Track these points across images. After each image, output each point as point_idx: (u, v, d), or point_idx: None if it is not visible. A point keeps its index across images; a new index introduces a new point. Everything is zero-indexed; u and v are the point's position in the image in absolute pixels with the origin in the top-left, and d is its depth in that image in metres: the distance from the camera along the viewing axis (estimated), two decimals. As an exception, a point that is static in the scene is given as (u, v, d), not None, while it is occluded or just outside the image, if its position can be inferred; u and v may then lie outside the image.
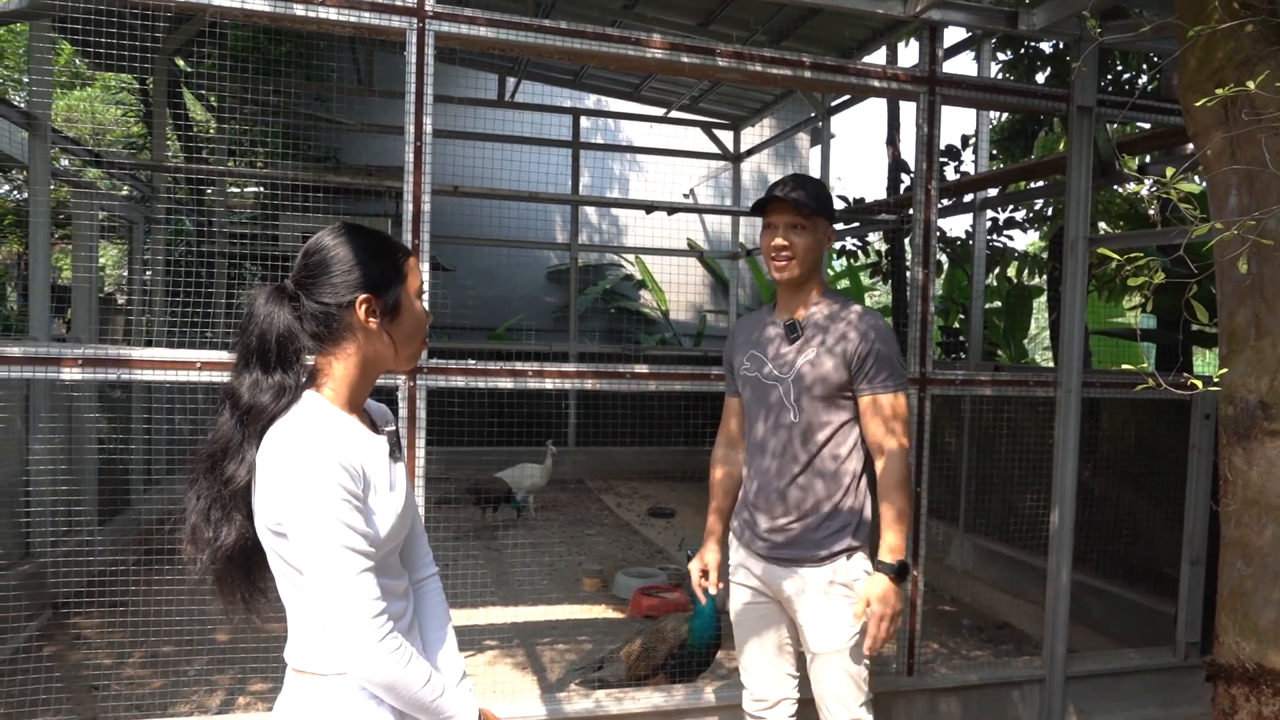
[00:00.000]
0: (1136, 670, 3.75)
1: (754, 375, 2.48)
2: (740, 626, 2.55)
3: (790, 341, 2.42)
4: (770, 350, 2.47)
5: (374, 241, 1.59)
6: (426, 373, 2.95)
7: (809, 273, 2.44)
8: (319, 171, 7.24)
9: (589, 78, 9.14)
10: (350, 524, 1.44)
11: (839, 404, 2.39)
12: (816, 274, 2.48)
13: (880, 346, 2.36)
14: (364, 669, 1.44)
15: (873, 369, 2.35)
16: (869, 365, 2.35)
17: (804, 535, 2.38)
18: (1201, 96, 2.15)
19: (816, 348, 2.38)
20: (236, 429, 1.50)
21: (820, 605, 2.36)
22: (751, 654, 2.52)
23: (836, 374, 2.35)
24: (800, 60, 3.24)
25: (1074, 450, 3.56)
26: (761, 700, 2.51)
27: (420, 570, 1.78)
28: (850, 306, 2.47)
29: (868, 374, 2.36)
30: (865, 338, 2.35)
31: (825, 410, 2.37)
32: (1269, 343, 2.14)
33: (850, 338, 2.36)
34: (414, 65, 2.90)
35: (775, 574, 2.43)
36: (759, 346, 2.50)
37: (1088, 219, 3.49)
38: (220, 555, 1.53)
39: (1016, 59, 7.34)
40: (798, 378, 2.39)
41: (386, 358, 1.60)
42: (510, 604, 5.15)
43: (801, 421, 2.38)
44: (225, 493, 1.51)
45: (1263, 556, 2.14)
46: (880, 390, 2.37)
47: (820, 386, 2.36)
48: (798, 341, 2.41)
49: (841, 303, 2.47)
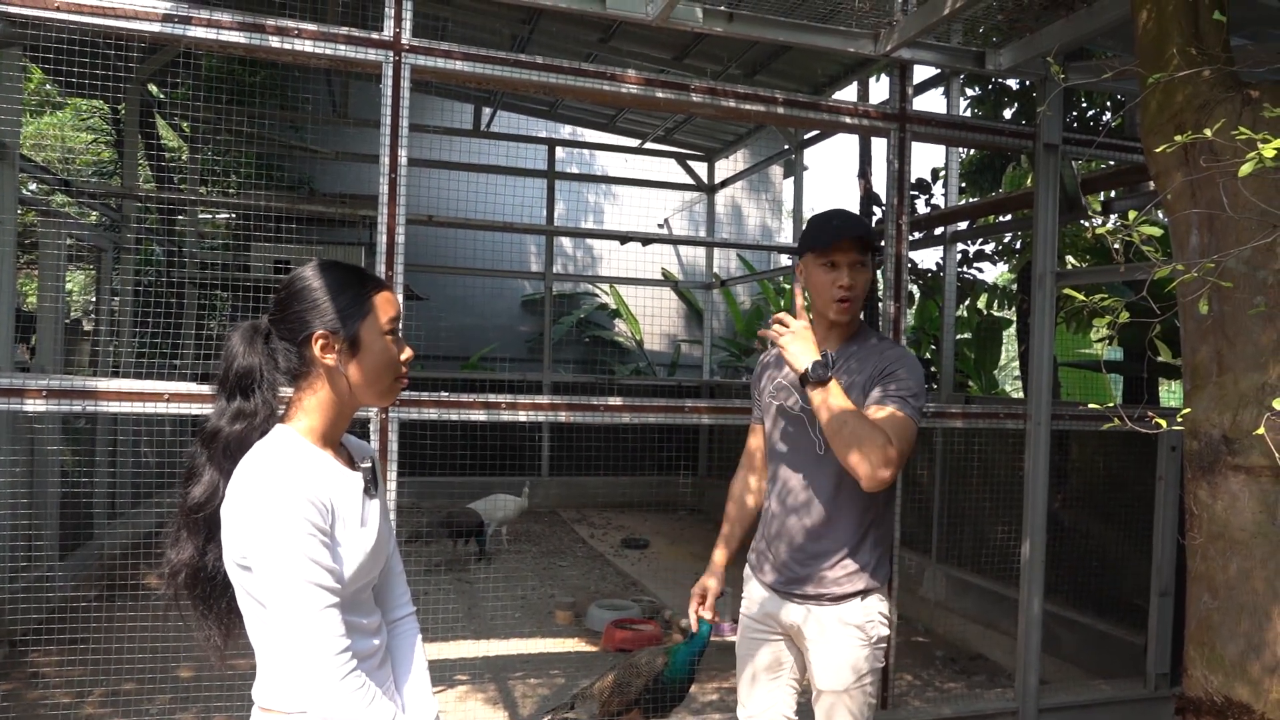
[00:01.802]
0: (1107, 702, 3.77)
1: (779, 404, 2.44)
2: (744, 659, 2.50)
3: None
4: (795, 381, 2.37)
5: (340, 277, 1.58)
6: (399, 405, 2.92)
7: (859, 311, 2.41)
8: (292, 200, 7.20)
9: (564, 109, 9.21)
10: (315, 559, 1.42)
11: None
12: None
13: (903, 370, 2.27)
14: (323, 707, 1.41)
15: (890, 382, 2.25)
16: (889, 381, 2.26)
17: (822, 573, 2.33)
18: (1162, 139, 2.21)
19: (847, 376, 2.34)
20: (200, 451, 1.53)
21: (831, 644, 2.33)
22: (751, 689, 2.48)
23: (861, 404, 2.28)
24: (773, 97, 3.29)
25: (1044, 482, 3.60)
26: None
27: (396, 610, 1.76)
28: (885, 341, 2.45)
29: (884, 387, 2.25)
30: (890, 363, 2.30)
31: None
32: (1231, 379, 2.18)
33: (876, 364, 2.32)
34: (389, 98, 2.91)
35: (788, 609, 2.39)
36: (781, 379, 2.45)
37: (1055, 254, 3.56)
38: (172, 575, 1.53)
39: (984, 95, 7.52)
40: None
41: (352, 397, 1.59)
42: (482, 637, 5.08)
43: (827, 455, 2.30)
44: (184, 513, 1.52)
45: (1228, 590, 2.17)
46: (891, 401, 2.21)
47: None
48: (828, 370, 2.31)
49: (877, 336, 2.45)
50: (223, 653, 1.59)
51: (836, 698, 2.34)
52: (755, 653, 2.48)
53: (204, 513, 1.52)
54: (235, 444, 1.52)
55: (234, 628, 1.58)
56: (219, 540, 1.50)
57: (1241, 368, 2.17)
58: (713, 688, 4.36)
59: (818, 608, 2.34)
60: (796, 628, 2.38)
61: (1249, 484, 2.13)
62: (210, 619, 1.57)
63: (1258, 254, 2.13)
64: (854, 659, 2.31)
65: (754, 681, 2.48)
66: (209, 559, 1.53)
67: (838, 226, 2.35)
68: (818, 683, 2.36)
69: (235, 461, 1.50)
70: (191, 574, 1.54)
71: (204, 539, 1.53)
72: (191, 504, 1.52)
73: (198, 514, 1.52)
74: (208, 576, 1.55)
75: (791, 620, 2.38)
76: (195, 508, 1.52)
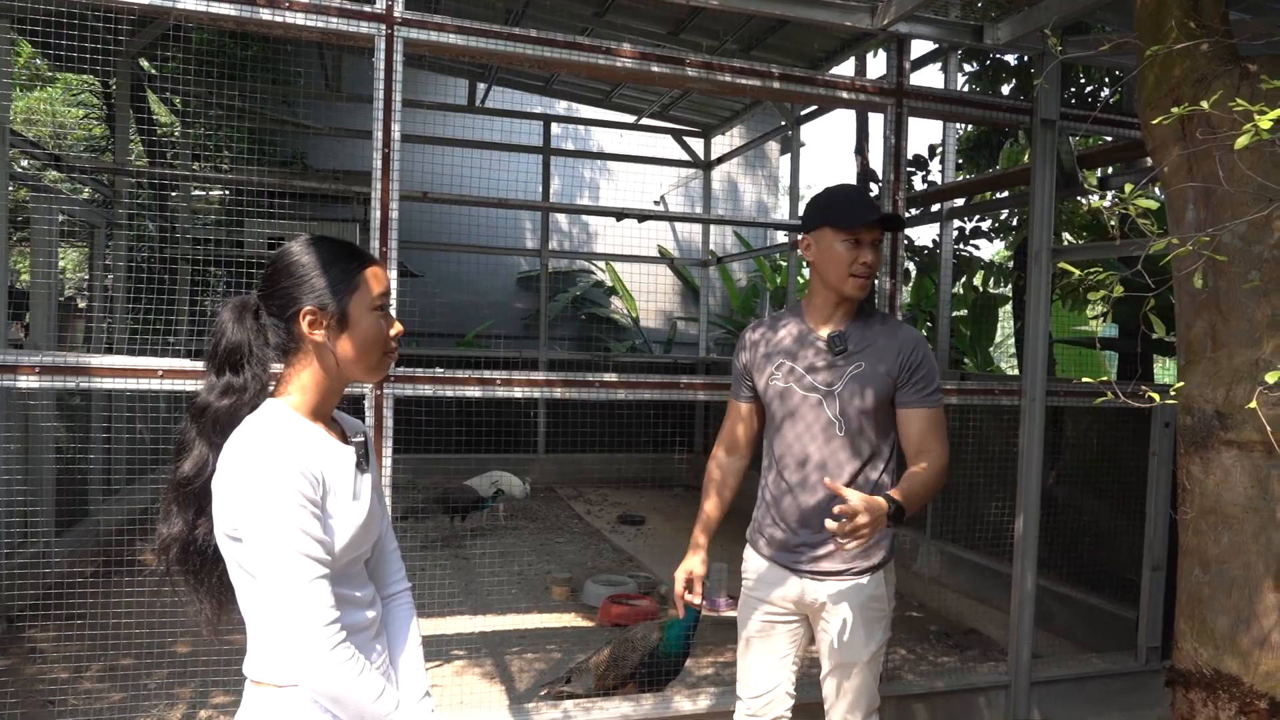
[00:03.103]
0: (1099, 675, 3.81)
1: (789, 386, 2.42)
2: (748, 636, 2.51)
3: (836, 353, 2.37)
4: (810, 361, 2.41)
5: (328, 253, 1.57)
6: (394, 380, 2.92)
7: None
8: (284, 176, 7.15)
9: (560, 84, 9.14)
10: (305, 530, 1.43)
11: (882, 417, 2.38)
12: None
13: (926, 360, 2.37)
14: (312, 678, 1.42)
15: (921, 382, 2.36)
16: (918, 378, 2.35)
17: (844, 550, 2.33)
18: (1159, 113, 2.20)
19: (866, 360, 2.36)
20: (190, 426, 1.54)
21: (854, 617, 2.36)
22: (756, 668, 2.49)
23: (885, 387, 2.34)
24: (769, 71, 3.26)
25: (1038, 458, 3.61)
26: (759, 717, 2.48)
27: (390, 585, 1.78)
28: (889, 319, 2.48)
29: (916, 386, 2.35)
30: (914, 350, 2.36)
31: (870, 423, 2.36)
32: (1225, 354, 2.18)
33: (899, 351, 2.35)
34: (382, 72, 2.88)
35: (809, 587, 2.40)
36: (793, 356, 2.43)
37: (1051, 230, 3.55)
38: (163, 550, 1.54)
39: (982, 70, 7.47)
40: (846, 391, 2.35)
41: (341, 370, 1.58)
42: (479, 613, 5.11)
43: (847, 435, 2.35)
44: (174, 487, 1.53)
45: (1219, 564, 2.19)
46: (927, 405, 2.36)
47: (869, 399, 2.34)
48: (844, 353, 2.37)
49: (880, 315, 2.47)
50: (216, 627, 1.60)
51: (858, 670, 2.39)
52: (760, 630, 2.48)
53: (193, 487, 1.53)
54: (225, 418, 1.52)
55: (226, 601, 1.59)
56: (209, 514, 1.51)
57: (1235, 343, 2.17)
58: (708, 662, 4.39)
59: (840, 583, 2.37)
60: (815, 603, 2.40)
61: (1241, 459, 2.14)
62: (202, 593, 1.58)
63: (1253, 229, 2.13)
64: (875, 630, 2.38)
65: (757, 659, 2.49)
66: (199, 533, 1.54)
67: (867, 205, 2.39)
68: (841, 656, 2.38)
69: (225, 436, 1.50)
70: (183, 548, 1.55)
71: (194, 513, 1.54)
72: (181, 478, 1.52)
73: (187, 488, 1.53)
74: (198, 550, 1.55)
75: (811, 596, 2.40)
76: (184, 482, 1.52)
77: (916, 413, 2.37)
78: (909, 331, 2.43)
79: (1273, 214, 2.10)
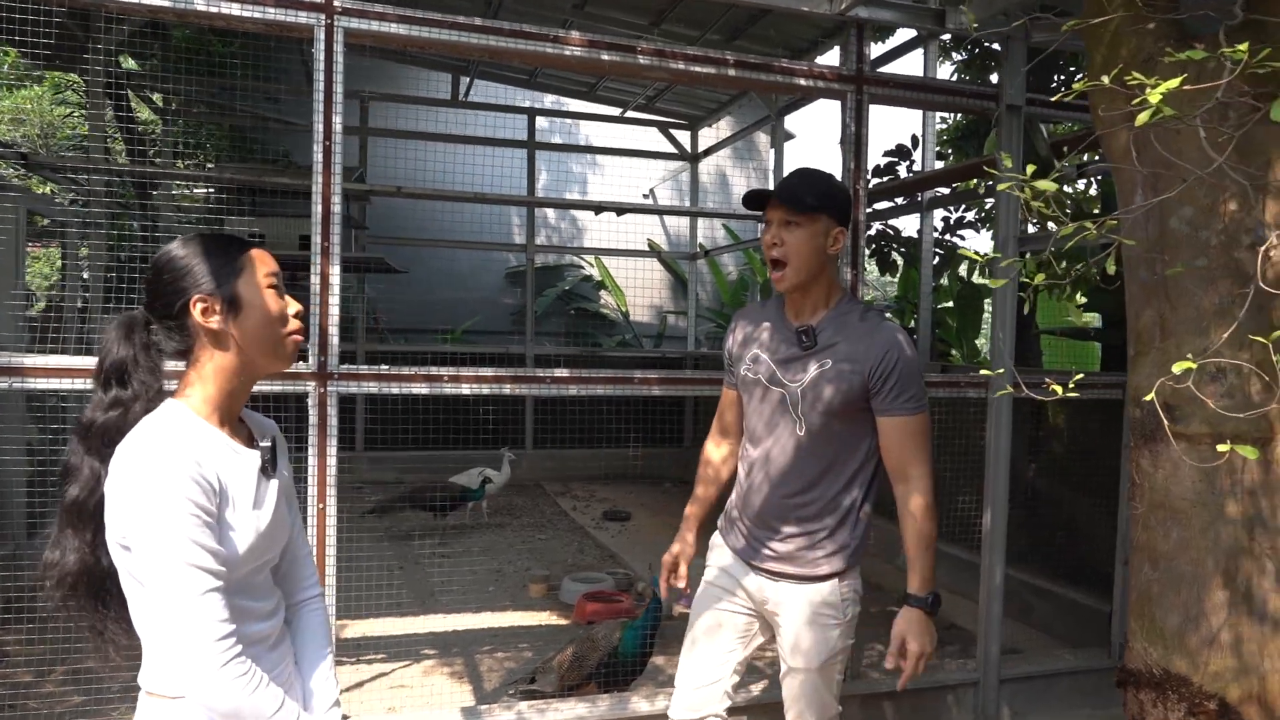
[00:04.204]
0: (1070, 671, 3.74)
1: (757, 379, 2.31)
2: (698, 625, 2.41)
3: (803, 349, 2.24)
4: (778, 354, 2.29)
5: (207, 243, 1.54)
6: (338, 378, 2.86)
7: (812, 275, 2.23)
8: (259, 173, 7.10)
9: (544, 77, 9.07)
10: (196, 540, 1.37)
11: (851, 419, 2.23)
12: (826, 276, 2.27)
13: (903, 363, 2.18)
14: (202, 695, 1.37)
15: (895, 388, 2.18)
16: (891, 384, 2.17)
17: (800, 553, 2.27)
18: (1106, 96, 2.13)
19: (832, 358, 2.21)
20: (76, 446, 1.47)
21: (805, 624, 2.28)
22: (699, 659, 2.39)
23: (852, 389, 2.19)
24: (724, 58, 3.19)
25: (1005, 450, 3.54)
26: (692, 711, 2.38)
27: (301, 592, 1.73)
28: (869, 314, 2.29)
29: (890, 393, 2.18)
30: (888, 353, 2.17)
31: (836, 425, 2.22)
32: (1173, 344, 2.11)
33: (871, 352, 2.18)
34: (322, 63, 2.82)
35: (765, 585, 2.32)
36: (764, 347, 2.32)
37: (1018, 219, 3.48)
38: (61, 580, 1.47)
39: (970, 59, 7.37)
40: (809, 390, 2.22)
41: (245, 360, 1.53)
42: (452, 611, 5.05)
43: (808, 436, 2.23)
44: (64, 511, 1.46)
45: (1168, 560, 2.12)
46: (903, 412, 2.20)
47: (833, 401, 2.20)
48: (812, 350, 2.23)
49: (860, 310, 2.29)
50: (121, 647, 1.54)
51: (807, 675, 2.31)
52: (711, 620, 2.39)
53: (86, 508, 1.46)
54: (113, 431, 1.46)
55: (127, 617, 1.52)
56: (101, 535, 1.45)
57: (1184, 332, 2.10)
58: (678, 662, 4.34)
59: (793, 586, 2.29)
60: (769, 602, 2.33)
61: (1189, 452, 2.07)
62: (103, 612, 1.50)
63: (1200, 214, 2.06)
64: (827, 639, 2.28)
65: (703, 650, 2.40)
66: (99, 552, 1.47)
67: (777, 187, 2.29)
68: (789, 660, 2.32)
69: (114, 448, 1.44)
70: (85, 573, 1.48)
71: (93, 531, 1.47)
72: (69, 501, 1.46)
73: (78, 511, 1.46)
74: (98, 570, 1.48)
75: (765, 595, 2.33)
76: (73, 504, 1.46)
77: (892, 421, 2.21)
78: (889, 332, 2.23)
79: (1219, 200, 2.03)
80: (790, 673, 2.34)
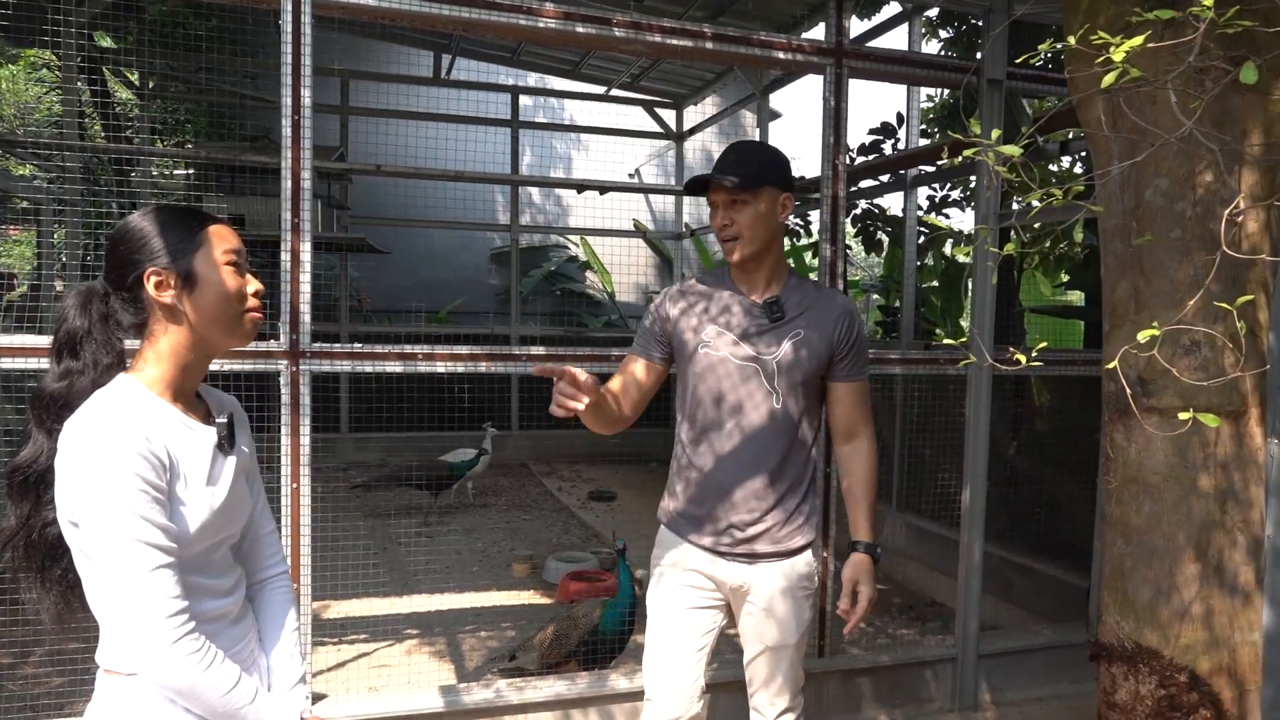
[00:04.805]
0: (1048, 647, 3.76)
1: (721, 355, 2.24)
2: (665, 629, 2.32)
3: (772, 320, 2.23)
4: (743, 328, 2.24)
5: (167, 216, 1.51)
6: (310, 356, 2.83)
7: (764, 248, 2.22)
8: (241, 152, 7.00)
9: (527, 55, 8.97)
10: (145, 516, 1.35)
11: (813, 388, 2.27)
12: (779, 246, 2.28)
13: (860, 329, 2.30)
14: (154, 672, 1.36)
15: (855, 354, 2.27)
16: (854, 350, 2.27)
17: (775, 529, 2.25)
18: (1081, 63, 2.10)
19: (803, 329, 2.23)
20: (30, 414, 1.46)
21: (785, 599, 2.27)
22: (669, 663, 2.30)
23: (821, 358, 2.23)
24: (701, 31, 3.14)
25: (985, 427, 3.54)
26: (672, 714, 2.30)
27: (264, 570, 1.70)
28: (822, 287, 2.39)
29: (850, 359, 2.27)
30: (851, 323, 2.26)
31: (802, 395, 2.25)
32: (1147, 316, 2.10)
33: (836, 321, 2.24)
34: (290, 35, 2.77)
35: (738, 570, 2.27)
36: (723, 322, 2.26)
37: (998, 195, 3.45)
38: (3, 542, 1.47)
39: (957, 36, 7.32)
40: (785, 361, 2.21)
41: (199, 337, 1.50)
42: (436, 591, 5.05)
43: (782, 407, 2.22)
44: (8, 477, 1.45)
45: (1141, 535, 2.12)
46: (860, 376, 2.31)
47: (807, 370, 2.22)
48: (780, 321, 2.23)
49: (811, 282, 2.35)
50: (63, 622, 1.52)
51: (788, 651, 2.30)
52: (676, 620, 2.31)
53: (29, 475, 1.44)
54: (61, 402, 1.44)
55: (73, 596, 1.50)
56: (50, 504, 1.43)
57: (1158, 304, 2.09)
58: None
59: (770, 565, 2.26)
60: (743, 587, 2.27)
61: (1162, 426, 2.06)
62: (47, 587, 1.50)
63: (1175, 185, 2.04)
64: (802, 612, 2.30)
65: (671, 652, 2.30)
66: (35, 523, 1.46)
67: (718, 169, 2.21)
68: (766, 640, 2.28)
69: (62, 421, 1.42)
70: (24, 541, 1.47)
71: (31, 504, 1.46)
72: (13, 466, 1.44)
73: (20, 478, 1.44)
74: (38, 542, 1.47)
75: (739, 580, 2.27)
76: (16, 470, 1.44)
77: (849, 387, 2.28)
78: (844, 300, 2.33)
79: (1194, 170, 2.01)
80: (766, 652, 2.30)
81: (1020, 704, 3.71)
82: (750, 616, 2.30)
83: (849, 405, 2.29)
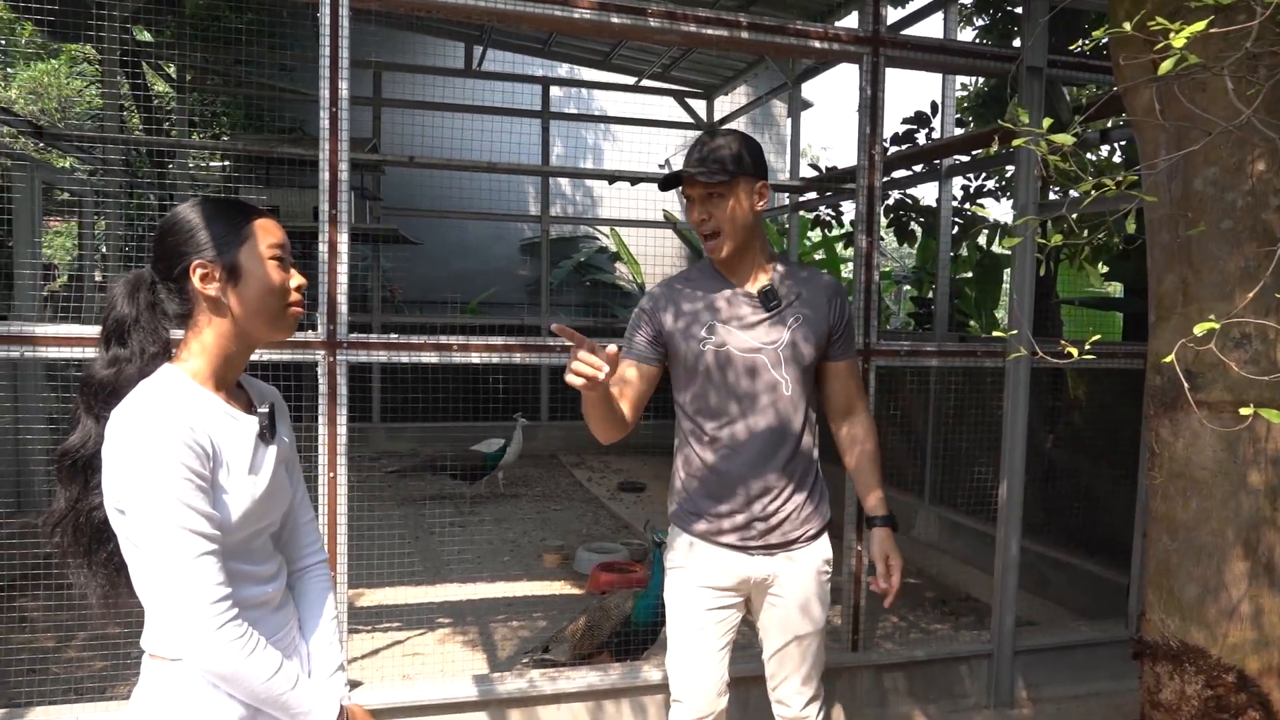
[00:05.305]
0: (1086, 643, 3.71)
1: (724, 349, 2.21)
2: (688, 631, 2.31)
3: (768, 309, 2.22)
4: (741, 319, 2.22)
5: (214, 208, 1.52)
6: (347, 347, 2.85)
7: (747, 239, 2.19)
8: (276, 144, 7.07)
9: (558, 45, 8.97)
10: (189, 503, 1.37)
11: (811, 372, 2.30)
12: (761, 234, 2.26)
13: (848, 308, 2.35)
14: (197, 657, 1.38)
15: (847, 332, 2.32)
16: (847, 329, 2.32)
17: (796, 515, 2.25)
18: (1129, 51, 2.05)
19: (801, 315, 2.23)
20: (79, 400, 1.49)
21: (811, 585, 2.27)
22: (696, 664, 2.30)
23: (820, 340, 2.26)
24: (737, 20, 3.12)
25: (1023, 421, 3.49)
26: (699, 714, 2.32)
27: (304, 559, 1.73)
28: (804, 266, 2.40)
29: (844, 338, 2.32)
30: (841, 301, 2.31)
31: (806, 381, 2.27)
32: (1196, 309, 2.05)
33: (829, 301, 2.28)
34: (328, 27, 2.78)
35: (760, 564, 2.25)
36: (720, 317, 2.23)
37: (1037, 185, 3.39)
38: (51, 525, 1.50)
39: (993, 23, 7.20)
40: (788, 348, 2.21)
41: (242, 329, 1.52)
42: (468, 580, 5.09)
43: (793, 394, 2.22)
44: (57, 461, 1.48)
45: (1187, 531, 2.07)
46: (852, 354, 2.37)
47: (810, 354, 2.24)
48: (777, 309, 2.22)
49: (792, 262, 2.37)
50: (109, 605, 1.55)
51: (813, 638, 2.30)
52: (700, 621, 2.29)
53: (77, 460, 1.48)
54: (109, 389, 1.47)
55: (119, 579, 1.53)
56: (96, 489, 1.46)
57: (1207, 297, 2.04)
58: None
59: (794, 551, 2.25)
60: (766, 580, 2.26)
61: (1211, 420, 2.01)
62: (93, 570, 1.53)
63: (1226, 174, 1.99)
64: (826, 595, 2.32)
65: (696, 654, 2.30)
66: (83, 506, 1.49)
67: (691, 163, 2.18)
68: (794, 629, 2.27)
69: (110, 407, 1.45)
70: (72, 524, 1.50)
71: (80, 488, 1.49)
72: (63, 451, 1.47)
73: (70, 462, 1.48)
74: (84, 526, 1.50)
75: (762, 574, 2.25)
76: (64, 454, 1.47)
77: (844, 365, 2.33)
78: (829, 278, 2.35)
79: (1246, 159, 1.96)
80: (794, 641, 2.28)
81: (1058, 700, 3.66)
82: (775, 608, 2.29)
83: (843, 383, 2.34)
